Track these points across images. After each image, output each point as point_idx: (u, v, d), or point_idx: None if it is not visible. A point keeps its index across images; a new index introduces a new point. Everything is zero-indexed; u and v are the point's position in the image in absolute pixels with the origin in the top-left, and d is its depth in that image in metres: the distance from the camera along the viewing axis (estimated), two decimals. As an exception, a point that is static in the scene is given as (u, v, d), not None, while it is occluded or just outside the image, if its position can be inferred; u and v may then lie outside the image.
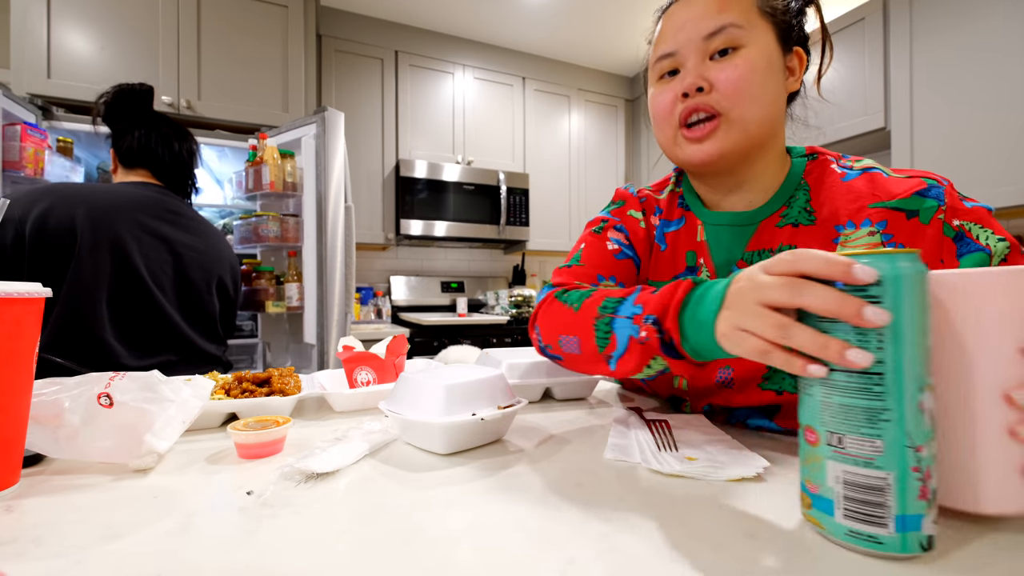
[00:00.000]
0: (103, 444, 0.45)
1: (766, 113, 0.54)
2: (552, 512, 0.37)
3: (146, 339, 1.02)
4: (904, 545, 0.29)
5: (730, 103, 0.53)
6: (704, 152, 0.56)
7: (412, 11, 2.70)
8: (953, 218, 0.50)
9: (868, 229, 0.53)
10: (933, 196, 0.51)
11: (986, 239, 0.49)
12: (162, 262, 1.05)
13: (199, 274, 1.12)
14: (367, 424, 0.57)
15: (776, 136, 0.58)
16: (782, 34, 0.55)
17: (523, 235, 2.94)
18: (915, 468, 0.29)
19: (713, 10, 0.54)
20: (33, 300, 0.42)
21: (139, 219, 1.03)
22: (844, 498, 0.31)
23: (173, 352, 1.06)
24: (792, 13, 0.56)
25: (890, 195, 0.53)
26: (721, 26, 0.53)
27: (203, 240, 1.15)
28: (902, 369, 0.29)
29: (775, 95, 0.55)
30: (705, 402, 0.63)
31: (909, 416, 0.29)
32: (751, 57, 0.53)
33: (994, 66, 1.63)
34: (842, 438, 0.31)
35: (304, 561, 0.31)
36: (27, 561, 0.30)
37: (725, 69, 0.53)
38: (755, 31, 0.54)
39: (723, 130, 0.54)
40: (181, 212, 1.13)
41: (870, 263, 0.30)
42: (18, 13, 1.78)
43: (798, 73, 0.58)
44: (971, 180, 1.69)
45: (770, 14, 0.55)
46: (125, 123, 1.11)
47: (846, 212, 0.54)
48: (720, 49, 0.54)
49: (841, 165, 0.58)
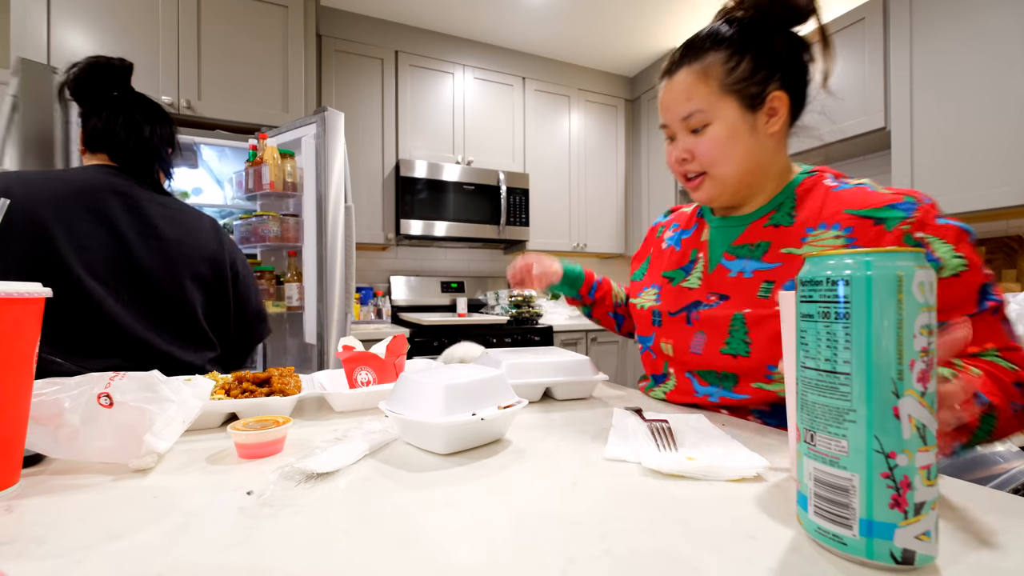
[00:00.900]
0: (103, 444, 0.45)
1: (740, 167, 0.68)
2: (552, 512, 0.37)
3: (82, 339, 0.88)
4: (869, 551, 0.29)
5: (708, 167, 0.69)
6: (699, 197, 0.73)
7: (412, 11, 2.70)
8: (918, 230, 0.57)
9: (835, 232, 0.62)
10: (903, 208, 0.59)
11: (942, 253, 0.55)
12: (103, 250, 0.91)
13: (160, 265, 0.97)
14: (367, 424, 0.57)
15: (764, 169, 0.70)
16: (747, 101, 0.67)
17: (523, 235, 2.94)
18: (885, 475, 0.29)
19: (683, 98, 0.69)
20: (33, 300, 0.42)
21: (76, 204, 0.91)
22: (815, 495, 0.32)
23: (121, 356, 0.91)
24: (756, 80, 0.67)
25: (868, 205, 0.61)
26: (690, 112, 0.68)
27: (172, 227, 1.00)
28: (869, 370, 0.29)
29: (746, 150, 0.68)
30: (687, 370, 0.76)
31: (877, 420, 0.29)
32: (716, 133, 0.67)
33: (994, 66, 1.63)
34: (814, 435, 0.32)
35: (304, 561, 0.31)
36: (27, 561, 0.30)
37: (699, 144, 0.69)
38: (718, 110, 0.67)
39: (708, 183, 0.71)
40: (137, 196, 0.98)
41: (837, 262, 0.30)
42: (18, 13, 1.78)
43: (781, 112, 0.68)
44: (971, 180, 1.69)
45: (732, 90, 0.67)
46: (94, 102, 0.99)
47: (824, 216, 0.64)
48: (694, 128, 0.69)
49: (837, 180, 0.68)
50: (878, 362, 0.29)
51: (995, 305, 0.55)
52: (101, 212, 0.93)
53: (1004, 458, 0.90)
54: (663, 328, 0.78)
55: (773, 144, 0.69)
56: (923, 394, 0.29)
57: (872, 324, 0.29)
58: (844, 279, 0.30)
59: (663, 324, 0.79)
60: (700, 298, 0.74)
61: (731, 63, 0.66)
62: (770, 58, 0.67)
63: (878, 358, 0.29)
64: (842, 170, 2.41)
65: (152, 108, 1.05)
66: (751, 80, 0.66)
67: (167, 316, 0.98)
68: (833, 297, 0.30)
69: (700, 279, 0.75)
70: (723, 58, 0.67)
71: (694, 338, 0.73)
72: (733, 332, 0.68)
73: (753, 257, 0.70)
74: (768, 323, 0.64)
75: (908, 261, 0.29)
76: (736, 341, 0.67)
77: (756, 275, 0.68)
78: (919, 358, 0.29)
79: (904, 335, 0.29)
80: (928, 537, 0.29)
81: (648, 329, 0.82)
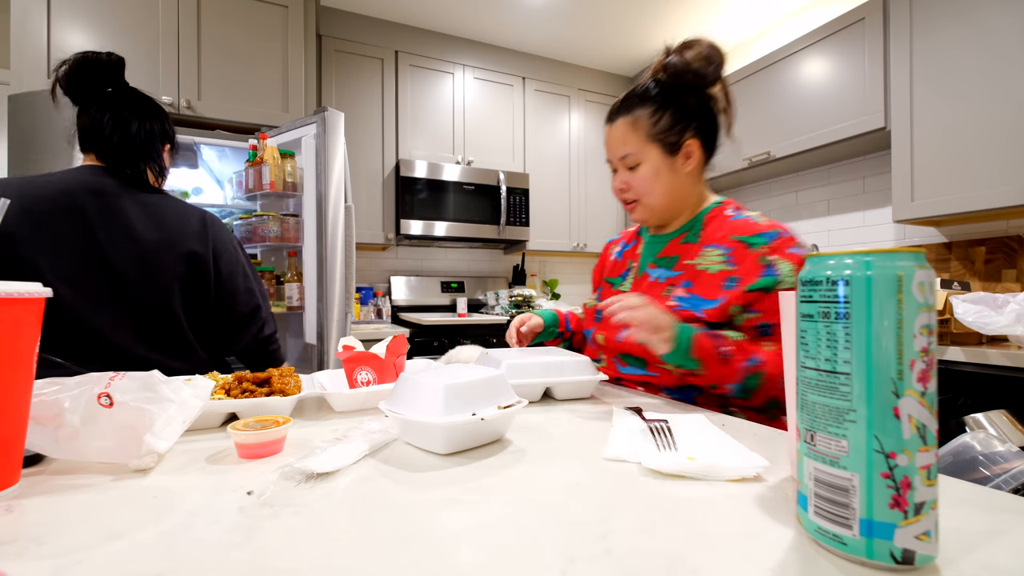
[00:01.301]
0: (103, 444, 0.45)
1: (663, 198, 0.89)
2: (552, 512, 0.37)
3: (59, 345, 0.86)
4: (869, 551, 0.29)
5: (639, 196, 0.90)
6: (634, 218, 0.94)
7: (412, 11, 2.70)
8: (772, 254, 0.77)
9: (720, 251, 0.82)
10: (767, 237, 0.79)
11: (784, 271, 0.76)
12: (77, 254, 0.89)
13: (137, 268, 0.93)
14: (367, 424, 0.57)
15: (683, 199, 0.90)
16: (668, 147, 0.86)
17: (523, 235, 2.94)
18: (885, 475, 0.29)
19: (620, 143, 0.89)
20: (33, 300, 0.42)
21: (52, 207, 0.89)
22: (815, 495, 0.32)
23: (99, 363, 0.86)
24: (674, 132, 0.86)
25: (745, 232, 0.81)
26: (625, 154, 0.88)
27: (151, 227, 0.96)
28: (869, 370, 0.29)
29: (668, 186, 0.88)
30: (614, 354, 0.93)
31: (877, 419, 0.29)
32: (643, 172, 0.88)
33: (994, 66, 1.63)
34: (814, 435, 0.32)
35: (304, 561, 0.31)
36: (27, 561, 0.30)
37: (633, 178, 0.89)
38: (646, 154, 0.87)
39: (640, 208, 0.91)
40: (116, 195, 0.95)
41: (837, 262, 0.30)
42: (18, 13, 1.78)
43: (695, 155, 0.87)
44: (971, 180, 1.69)
45: (656, 139, 0.86)
46: (87, 99, 0.97)
47: (716, 238, 0.84)
48: (630, 166, 0.88)
49: (735, 211, 0.88)
50: (878, 362, 0.29)
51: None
52: (76, 214, 0.90)
53: (1004, 458, 0.90)
54: (602, 323, 0.96)
55: (690, 180, 0.89)
56: (923, 394, 0.29)
57: (872, 324, 0.29)
58: (844, 279, 0.30)
59: (602, 320, 0.94)
60: None
61: (655, 117, 0.85)
62: (685, 113, 0.85)
63: (878, 358, 0.29)
64: (843, 171, 2.41)
65: (143, 102, 1.02)
66: (671, 131, 0.85)
67: (148, 322, 0.95)
68: (833, 297, 0.30)
69: (630, 284, 0.96)
70: (649, 112, 0.86)
71: (620, 330, 0.82)
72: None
73: (667, 267, 0.89)
74: None
75: (908, 261, 0.29)
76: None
77: (666, 280, 0.88)
78: (919, 358, 0.29)
79: (904, 335, 0.29)
80: (928, 537, 0.29)
81: (591, 324, 1.01)
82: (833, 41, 2.12)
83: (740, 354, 0.72)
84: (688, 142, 0.86)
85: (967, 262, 1.98)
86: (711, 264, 0.82)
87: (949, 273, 2.03)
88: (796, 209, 2.64)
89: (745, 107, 2.52)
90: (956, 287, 1.66)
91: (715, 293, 0.78)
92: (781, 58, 2.34)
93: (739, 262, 0.78)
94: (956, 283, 1.69)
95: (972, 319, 1.35)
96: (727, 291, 0.77)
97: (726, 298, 0.77)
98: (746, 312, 0.77)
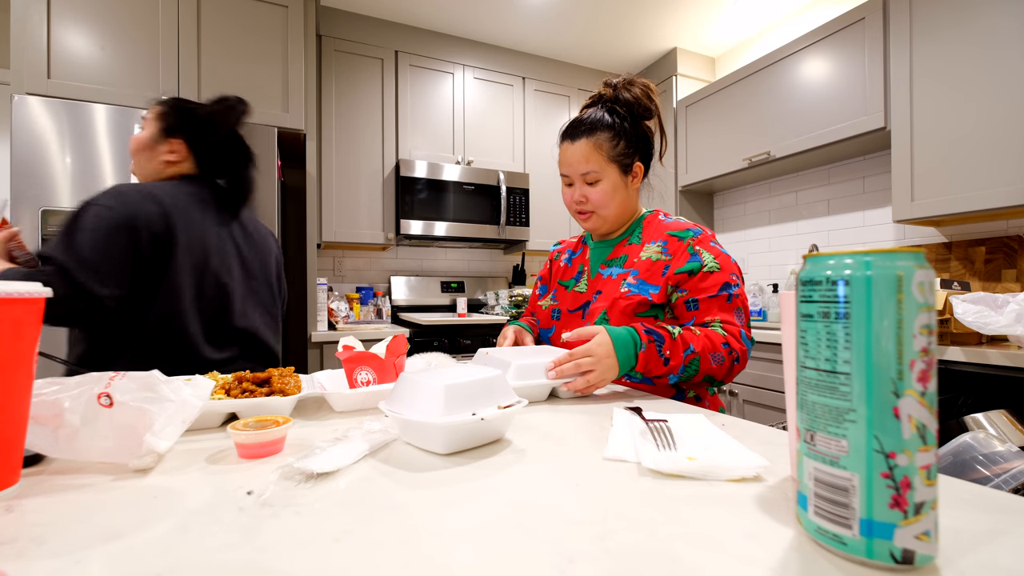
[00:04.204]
0: (103, 444, 0.45)
1: (616, 210, 1.03)
2: (552, 512, 0.37)
3: (218, 334, 1.03)
4: (869, 551, 0.29)
5: (597, 208, 1.02)
6: (587, 227, 1.07)
7: (412, 11, 2.70)
8: (697, 245, 0.94)
9: (658, 245, 0.98)
10: (693, 232, 0.96)
11: (707, 259, 0.92)
12: (227, 255, 1.06)
13: (257, 263, 1.14)
14: (367, 424, 0.57)
15: (628, 211, 1.05)
16: (623, 168, 1.01)
17: (523, 235, 2.94)
18: (885, 475, 0.29)
19: (582, 160, 1.00)
20: (33, 300, 0.42)
21: (206, 213, 1.05)
22: (815, 495, 0.32)
23: (237, 347, 1.06)
24: (628, 155, 1.00)
25: (677, 229, 0.98)
26: (587, 171, 1.00)
27: (252, 229, 1.16)
28: (869, 370, 0.29)
29: (622, 200, 1.03)
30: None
31: (877, 419, 0.29)
32: (603, 187, 1.00)
33: (994, 66, 1.63)
34: (813, 435, 0.32)
35: (304, 561, 0.31)
36: (27, 561, 0.30)
37: (591, 193, 1.01)
38: (605, 171, 1.00)
39: (594, 218, 1.04)
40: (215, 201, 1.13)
41: (837, 262, 0.30)
42: (18, 13, 1.78)
43: (639, 175, 1.04)
44: (970, 179, 1.69)
45: (615, 160, 1.00)
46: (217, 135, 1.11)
47: (654, 236, 1.01)
48: (590, 181, 1.01)
49: (664, 216, 1.05)
50: (878, 362, 0.29)
51: (732, 295, 0.90)
52: (219, 219, 1.08)
53: (1004, 458, 0.90)
54: (561, 321, 1.08)
55: (634, 195, 1.06)
56: (923, 394, 0.29)
57: (872, 324, 0.29)
58: (844, 279, 0.30)
59: (562, 318, 1.09)
60: (589, 298, 1.04)
61: (614, 142, 0.99)
62: (635, 140, 1.01)
63: (878, 358, 0.29)
64: (843, 171, 2.42)
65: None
66: (625, 154, 1.00)
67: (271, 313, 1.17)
68: (833, 297, 0.30)
69: (587, 284, 1.07)
70: (609, 137, 0.99)
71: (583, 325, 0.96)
72: (602, 319, 0.97)
73: (618, 265, 1.02)
74: (618, 303, 0.95)
75: (908, 261, 0.29)
76: (602, 323, 0.96)
77: (619, 276, 1.00)
78: (919, 358, 0.29)
79: (904, 335, 0.29)
80: (928, 537, 0.29)
81: (549, 323, 1.12)
82: (833, 41, 2.12)
83: (677, 350, 0.83)
84: (636, 164, 1.02)
85: (967, 262, 1.98)
86: (652, 254, 0.98)
87: (949, 273, 2.03)
88: (796, 209, 2.64)
89: (745, 107, 2.52)
90: (956, 287, 1.66)
91: (657, 279, 0.95)
92: (781, 58, 2.34)
93: (672, 252, 0.96)
94: (956, 283, 1.69)
95: (972, 319, 1.35)
96: (664, 277, 0.94)
97: (665, 282, 0.94)
98: (677, 291, 0.93)
